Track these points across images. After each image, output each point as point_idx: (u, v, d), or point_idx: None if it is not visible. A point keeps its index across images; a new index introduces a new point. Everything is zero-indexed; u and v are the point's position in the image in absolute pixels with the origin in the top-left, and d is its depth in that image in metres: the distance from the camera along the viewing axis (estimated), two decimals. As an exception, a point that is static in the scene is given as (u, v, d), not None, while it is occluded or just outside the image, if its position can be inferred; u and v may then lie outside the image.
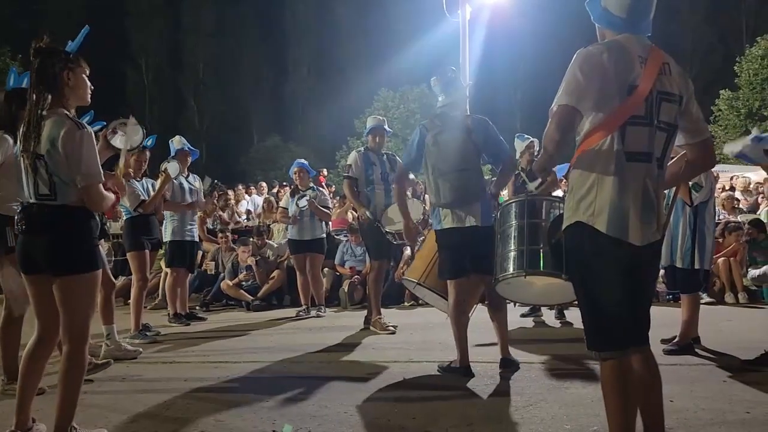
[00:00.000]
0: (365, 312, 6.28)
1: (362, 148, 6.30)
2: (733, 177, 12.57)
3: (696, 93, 2.43)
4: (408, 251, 7.89)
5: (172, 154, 6.70)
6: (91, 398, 3.76)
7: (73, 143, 2.80)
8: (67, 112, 2.91)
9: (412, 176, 6.68)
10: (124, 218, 5.88)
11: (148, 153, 5.91)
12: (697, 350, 4.74)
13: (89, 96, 3.08)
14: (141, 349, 5.20)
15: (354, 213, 7.96)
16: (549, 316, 6.50)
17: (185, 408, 3.62)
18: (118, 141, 3.75)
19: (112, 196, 3.05)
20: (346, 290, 8.12)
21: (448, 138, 4.13)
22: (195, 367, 4.70)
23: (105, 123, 3.92)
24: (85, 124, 2.93)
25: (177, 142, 6.81)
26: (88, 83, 3.06)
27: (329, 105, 34.36)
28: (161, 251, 6.94)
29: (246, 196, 13.94)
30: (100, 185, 2.91)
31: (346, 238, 8.96)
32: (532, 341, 5.36)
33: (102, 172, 2.95)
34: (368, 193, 5.97)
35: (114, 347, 4.97)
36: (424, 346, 5.21)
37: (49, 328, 2.96)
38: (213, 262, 9.00)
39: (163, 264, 7.51)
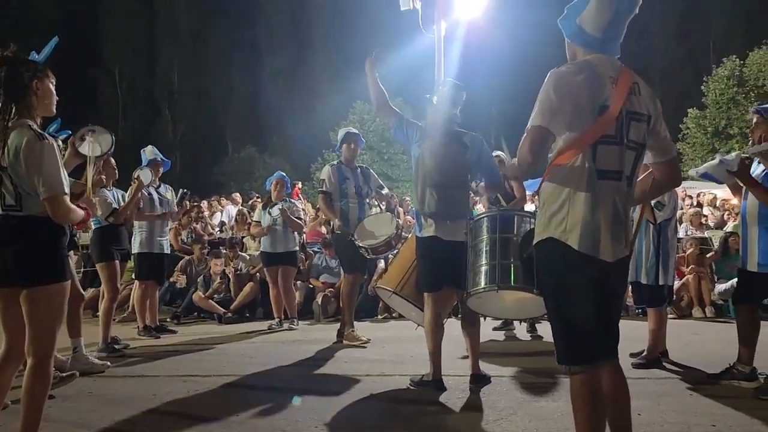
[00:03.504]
0: (338, 325, 6.26)
1: (336, 162, 6.29)
2: (699, 194, 12.88)
3: (665, 111, 2.49)
4: (382, 264, 7.90)
5: (144, 164, 6.63)
6: (56, 413, 3.67)
7: (33, 154, 2.76)
8: (31, 123, 2.86)
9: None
10: (93, 228, 5.76)
11: (113, 160, 5.81)
12: (664, 364, 4.83)
13: (54, 107, 3.05)
14: (108, 363, 5.09)
15: (328, 226, 7.95)
16: (521, 330, 6.54)
17: (153, 423, 3.55)
18: (86, 148, 3.70)
19: (80, 211, 2.99)
20: (319, 303, 8.09)
21: (445, 152, 4.10)
22: (164, 382, 4.61)
23: (70, 132, 3.87)
24: (47, 135, 2.88)
25: (149, 152, 6.74)
26: (55, 93, 3.03)
27: (305, 117, 34.31)
28: (130, 263, 6.84)
29: (220, 207, 13.84)
30: (65, 197, 2.85)
31: (319, 251, 8.94)
32: (504, 354, 5.40)
33: (67, 182, 2.90)
34: (342, 207, 5.96)
35: (81, 361, 4.85)
36: (397, 360, 5.20)
37: (17, 342, 2.89)
38: (184, 276, 8.88)
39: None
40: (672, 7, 33.84)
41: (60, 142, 4.07)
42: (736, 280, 4.68)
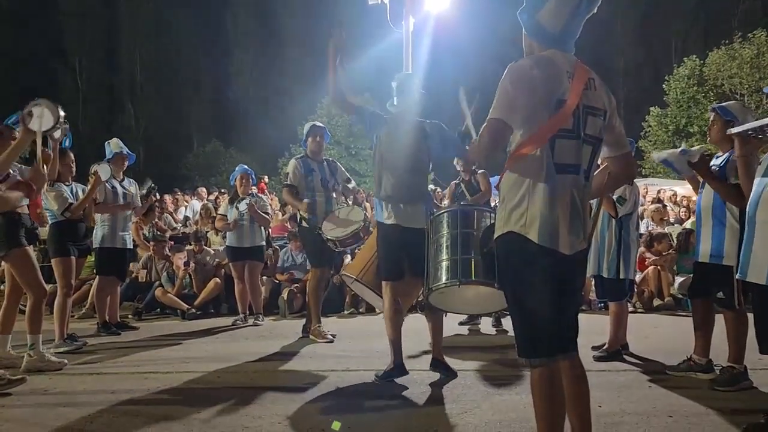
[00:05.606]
0: (304, 320, 6.21)
1: (302, 155, 6.23)
2: (660, 190, 13.17)
3: (627, 109, 2.55)
4: (348, 258, 7.87)
5: (108, 156, 6.46)
6: (8, 412, 3.57)
7: None
8: None
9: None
10: (50, 223, 5.59)
11: (71, 154, 5.65)
12: (625, 356, 4.93)
13: None
14: (66, 360, 4.95)
15: (294, 221, 7.88)
16: (486, 324, 6.60)
17: (110, 422, 3.46)
18: (36, 124, 3.66)
19: (14, 194, 2.91)
20: (285, 298, 8.02)
21: (403, 136, 4.18)
22: (123, 379, 4.51)
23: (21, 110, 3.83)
24: None
25: (114, 145, 6.57)
26: None
27: (272, 111, 33.98)
28: (90, 258, 6.66)
29: (185, 202, 13.61)
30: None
31: (285, 246, 8.86)
32: (469, 348, 5.44)
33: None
34: (308, 200, 5.89)
35: (37, 358, 4.71)
36: (363, 355, 5.19)
37: None
38: (145, 270, 8.69)
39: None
40: (634, 8, 34.57)
41: (17, 134, 3.97)
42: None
